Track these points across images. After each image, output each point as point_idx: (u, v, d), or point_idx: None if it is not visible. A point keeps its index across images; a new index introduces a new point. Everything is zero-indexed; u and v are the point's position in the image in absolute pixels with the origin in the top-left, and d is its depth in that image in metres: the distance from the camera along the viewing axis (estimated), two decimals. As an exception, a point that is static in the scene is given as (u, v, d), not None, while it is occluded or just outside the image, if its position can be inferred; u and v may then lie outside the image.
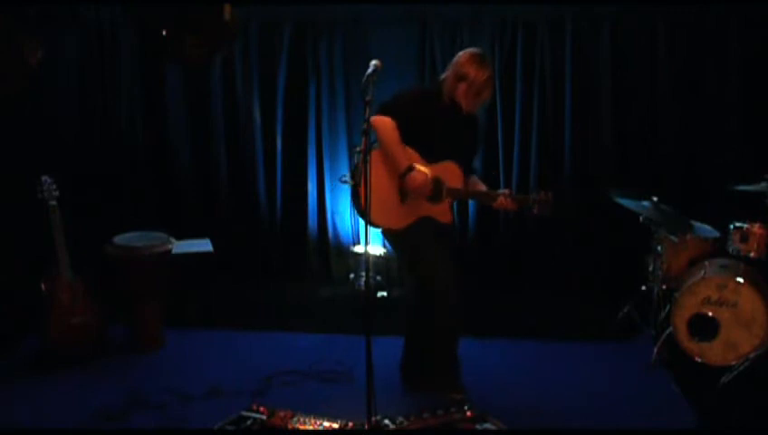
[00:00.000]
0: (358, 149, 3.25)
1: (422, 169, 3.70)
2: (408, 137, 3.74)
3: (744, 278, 4.21)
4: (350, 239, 5.69)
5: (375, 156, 3.67)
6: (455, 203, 4.03)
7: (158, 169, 5.81)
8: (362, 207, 3.51)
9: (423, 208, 3.80)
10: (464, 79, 3.72)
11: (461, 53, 3.82)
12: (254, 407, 3.72)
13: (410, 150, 3.77)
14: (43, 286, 4.31)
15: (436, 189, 3.78)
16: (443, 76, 3.83)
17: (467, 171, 3.92)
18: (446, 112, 3.79)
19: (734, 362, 4.22)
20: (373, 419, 3.33)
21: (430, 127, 3.75)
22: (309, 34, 5.59)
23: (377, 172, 3.66)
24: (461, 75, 3.73)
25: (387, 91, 3.83)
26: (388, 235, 3.99)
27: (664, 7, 5.26)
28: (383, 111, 3.71)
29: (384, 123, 3.69)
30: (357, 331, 3.81)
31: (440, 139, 3.77)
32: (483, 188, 3.94)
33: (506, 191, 3.85)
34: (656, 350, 4.41)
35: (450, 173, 3.80)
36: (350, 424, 3.59)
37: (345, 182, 5.41)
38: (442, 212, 3.82)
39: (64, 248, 4.30)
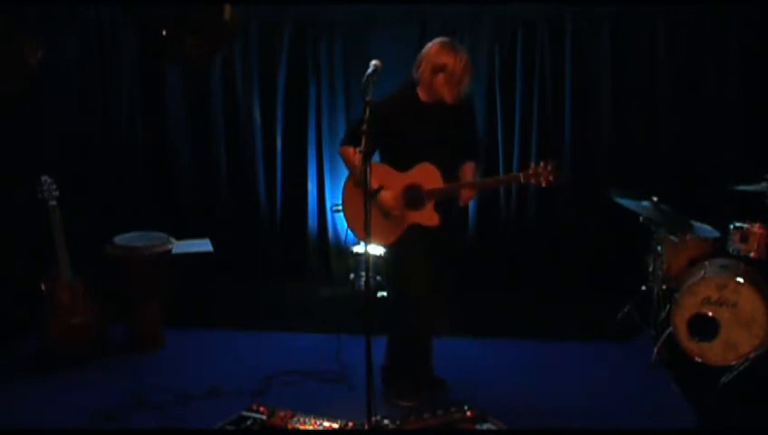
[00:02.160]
0: (358, 149, 3.25)
1: (388, 193, 3.73)
2: (383, 148, 3.80)
3: (744, 278, 4.21)
4: (350, 239, 5.69)
5: (349, 183, 3.89)
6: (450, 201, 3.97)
7: (158, 169, 5.81)
8: (356, 230, 3.89)
9: (408, 218, 3.80)
10: (442, 70, 3.64)
11: (429, 45, 3.73)
12: (254, 407, 3.72)
13: (380, 167, 3.79)
14: (43, 286, 4.32)
15: (413, 197, 3.77)
16: (416, 73, 3.75)
17: (456, 164, 3.84)
18: (418, 110, 3.75)
19: (734, 362, 4.22)
20: (373, 419, 3.33)
21: (401, 131, 3.73)
22: (309, 34, 5.59)
23: (354, 198, 3.72)
24: (438, 67, 3.65)
25: (386, 92, 3.83)
26: (385, 248, 4.00)
27: (664, 7, 5.26)
28: (346, 137, 3.87)
29: (346, 152, 3.84)
30: (357, 331, 3.82)
31: (415, 140, 3.74)
32: (470, 174, 3.85)
33: (469, 181, 3.79)
34: (656, 350, 4.41)
35: (427, 175, 3.75)
36: (350, 424, 3.59)
37: (338, 211, 5.45)
38: (427, 216, 3.78)
39: (64, 248, 4.30)
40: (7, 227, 5.06)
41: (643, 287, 4.86)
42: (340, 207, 4.05)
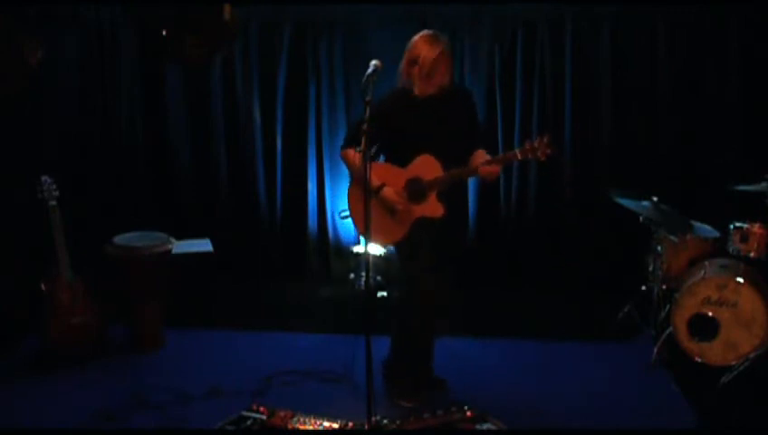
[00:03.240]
0: (358, 149, 3.26)
1: (390, 189, 3.75)
2: (384, 147, 3.82)
3: (744, 278, 4.22)
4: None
5: (353, 187, 3.91)
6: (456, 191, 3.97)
7: (158, 169, 5.81)
8: (362, 230, 3.88)
9: (413, 212, 3.80)
10: (416, 62, 3.65)
11: (413, 38, 3.73)
12: (254, 407, 3.73)
13: (380, 165, 3.80)
14: (43, 286, 4.32)
15: (415, 189, 3.77)
16: (399, 68, 3.76)
17: (456, 156, 3.81)
18: (412, 106, 3.74)
19: (734, 362, 4.22)
20: (373, 419, 3.34)
21: (397, 129, 3.73)
22: (309, 34, 5.58)
23: (360, 199, 3.70)
24: (412, 59, 3.66)
25: (385, 92, 3.83)
26: (394, 247, 4.02)
27: (664, 7, 5.26)
28: (346, 140, 3.89)
29: (347, 155, 3.85)
30: (357, 331, 3.83)
31: (413, 135, 3.74)
32: (484, 159, 3.79)
33: (484, 159, 3.75)
34: (656, 350, 4.41)
35: (426, 166, 3.74)
36: (350, 424, 3.59)
37: (345, 217, 5.44)
38: (431, 208, 3.78)
39: (64, 248, 4.30)
40: (7, 227, 5.06)
41: (643, 287, 4.86)
42: (348, 213, 4.05)
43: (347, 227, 5.74)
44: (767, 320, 4.16)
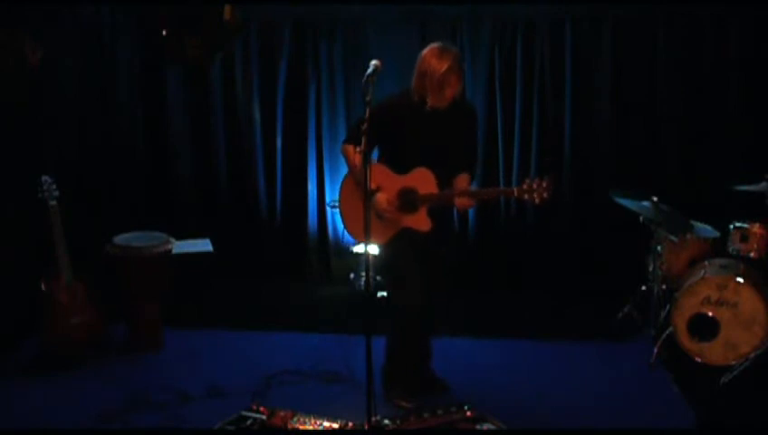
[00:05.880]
0: (358, 149, 3.26)
1: (383, 195, 3.74)
2: (382, 149, 3.83)
3: (743, 278, 4.21)
4: (346, 237, 5.68)
5: (348, 181, 3.91)
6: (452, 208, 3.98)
7: (158, 169, 5.81)
8: (349, 228, 3.93)
9: (401, 221, 3.79)
10: (425, 75, 3.63)
11: (422, 52, 3.71)
12: (254, 407, 3.72)
13: (378, 168, 3.79)
14: (43, 286, 4.32)
15: (407, 200, 3.76)
16: (412, 82, 3.74)
17: (453, 171, 3.82)
18: (417, 115, 3.72)
19: (734, 362, 4.22)
20: (373, 419, 3.33)
21: (398, 134, 3.73)
22: (309, 34, 5.59)
23: (352, 195, 3.77)
24: (423, 71, 3.64)
25: (386, 92, 3.83)
26: (379, 248, 4.03)
27: (664, 7, 5.27)
28: (348, 136, 3.90)
29: (347, 151, 3.85)
30: (357, 331, 3.82)
31: (411, 144, 3.74)
32: (464, 186, 3.80)
33: (466, 184, 3.75)
34: (656, 350, 4.41)
35: (423, 180, 3.73)
36: (350, 424, 3.59)
37: (335, 208, 5.45)
38: (419, 221, 3.77)
39: (64, 248, 4.30)
40: (7, 227, 5.05)
41: (643, 287, 4.87)
42: (337, 204, 4.06)
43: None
44: (767, 320, 4.16)
